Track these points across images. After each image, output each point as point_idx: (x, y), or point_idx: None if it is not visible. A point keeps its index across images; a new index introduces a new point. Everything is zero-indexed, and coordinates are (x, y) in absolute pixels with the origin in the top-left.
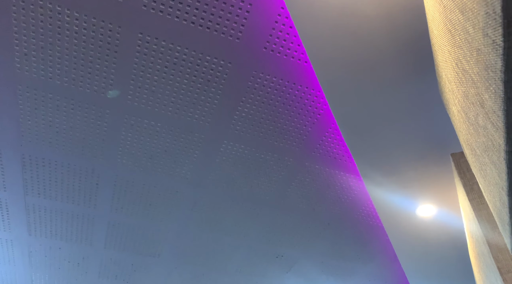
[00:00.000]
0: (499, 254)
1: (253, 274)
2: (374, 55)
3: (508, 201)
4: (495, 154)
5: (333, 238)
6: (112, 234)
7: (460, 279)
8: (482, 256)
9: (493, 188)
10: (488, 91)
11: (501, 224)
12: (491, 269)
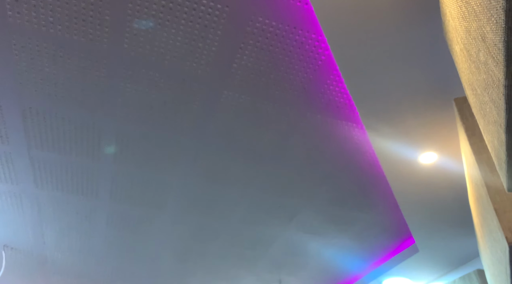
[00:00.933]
0: (497, 195)
1: (256, 224)
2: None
3: (505, 138)
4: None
5: (335, 187)
6: (116, 187)
7: (459, 225)
8: (480, 199)
9: (492, 126)
10: (490, 23)
11: (498, 163)
12: (488, 211)
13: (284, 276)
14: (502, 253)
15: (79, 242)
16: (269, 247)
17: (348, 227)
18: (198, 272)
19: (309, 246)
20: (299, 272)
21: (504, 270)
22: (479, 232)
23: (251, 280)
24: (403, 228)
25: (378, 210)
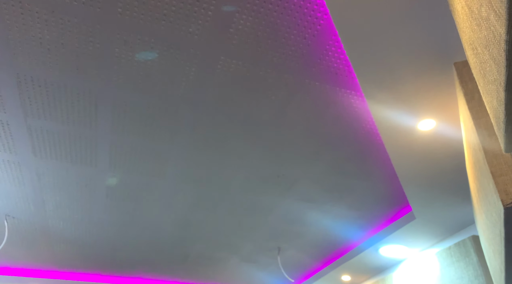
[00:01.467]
0: (494, 159)
1: (255, 193)
2: None
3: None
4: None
5: (334, 156)
6: (115, 156)
7: (456, 193)
8: (477, 163)
9: (491, 86)
10: None
11: (497, 123)
12: (485, 174)
13: (282, 244)
14: (497, 216)
15: (80, 211)
16: (267, 215)
17: (345, 195)
18: (199, 241)
19: (307, 215)
20: (298, 240)
21: (499, 233)
22: (475, 198)
23: (251, 248)
24: (400, 196)
25: (376, 179)
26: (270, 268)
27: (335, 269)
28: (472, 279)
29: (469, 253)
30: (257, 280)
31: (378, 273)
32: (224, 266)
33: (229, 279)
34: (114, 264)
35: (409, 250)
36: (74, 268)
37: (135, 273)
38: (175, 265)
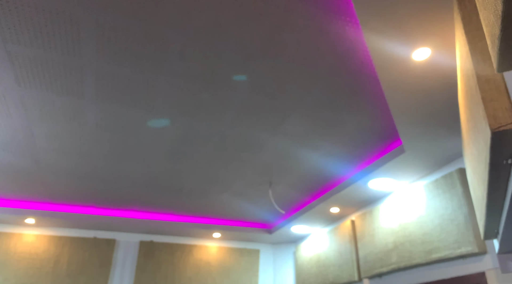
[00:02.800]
0: (486, 84)
1: (246, 127)
2: None
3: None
4: None
5: (326, 88)
6: (102, 86)
7: (446, 126)
8: (469, 90)
9: None
10: None
11: (492, 42)
12: (476, 100)
13: (273, 178)
14: (484, 143)
15: (70, 143)
16: (259, 150)
17: (337, 131)
18: (191, 174)
19: (298, 150)
20: (288, 175)
21: (484, 160)
22: (465, 129)
23: (242, 183)
24: (390, 130)
25: (368, 112)
26: (261, 201)
27: (324, 201)
28: (456, 208)
29: (455, 185)
30: (249, 213)
31: (366, 205)
32: (217, 200)
33: (222, 213)
34: (108, 197)
35: (397, 183)
36: (69, 201)
37: (130, 206)
38: (169, 198)
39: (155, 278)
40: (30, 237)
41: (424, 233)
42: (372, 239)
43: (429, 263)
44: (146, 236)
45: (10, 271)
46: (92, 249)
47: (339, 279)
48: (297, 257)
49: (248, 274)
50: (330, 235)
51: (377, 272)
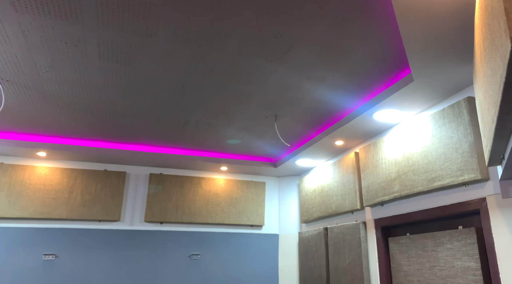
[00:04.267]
0: None
1: (251, 57)
2: None
3: None
4: None
5: (335, 12)
6: (102, 11)
7: (458, 52)
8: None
9: None
10: None
11: None
12: (496, 13)
13: (279, 111)
14: (500, 60)
15: (74, 74)
16: (264, 82)
17: (344, 59)
18: (196, 107)
19: (304, 82)
20: (293, 108)
21: (499, 80)
22: (479, 51)
23: (248, 117)
24: (399, 58)
25: (377, 39)
26: (267, 136)
27: (329, 135)
28: (461, 137)
29: (462, 114)
30: (255, 147)
31: (371, 137)
32: (223, 134)
33: (228, 147)
34: (116, 131)
35: (403, 114)
36: (78, 135)
37: (138, 140)
38: (175, 132)
39: (166, 208)
40: (43, 169)
41: (428, 162)
42: (375, 169)
43: (430, 191)
44: (155, 169)
45: (27, 201)
46: (104, 181)
47: (342, 208)
48: (301, 189)
49: (254, 204)
50: (334, 167)
51: (379, 201)
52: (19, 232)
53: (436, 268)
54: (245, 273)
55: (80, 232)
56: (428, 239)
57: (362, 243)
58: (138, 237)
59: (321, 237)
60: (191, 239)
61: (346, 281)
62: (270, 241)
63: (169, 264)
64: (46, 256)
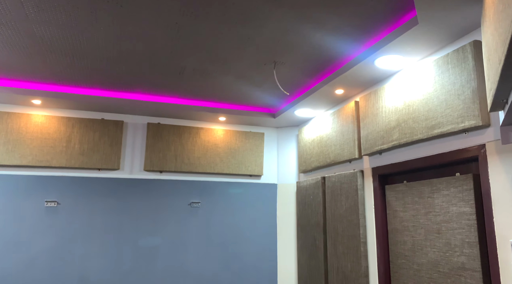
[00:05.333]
0: None
1: None
2: None
3: None
4: None
5: None
6: None
7: None
8: None
9: None
10: None
11: None
12: None
13: (278, 58)
14: None
15: (63, 15)
16: (262, 25)
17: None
18: (192, 52)
19: (303, 26)
20: (292, 55)
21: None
22: None
23: (246, 64)
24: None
25: None
26: (265, 85)
27: (329, 83)
28: (464, 83)
29: (467, 58)
30: (253, 97)
31: (371, 85)
32: (220, 82)
33: (227, 97)
34: (111, 77)
35: (406, 60)
36: (73, 82)
37: (135, 88)
38: (172, 79)
39: (165, 157)
40: (39, 118)
41: (429, 109)
42: (375, 118)
43: (430, 138)
44: (153, 118)
45: (25, 149)
46: (102, 130)
47: (340, 157)
48: (299, 139)
49: (253, 155)
50: (333, 116)
51: (378, 149)
52: (19, 179)
53: (431, 213)
54: (245, 221)
55: (81, 180)
56: (425, 186)
57: (359, 191)
58: (138, 185)
59: (318, 186)
60: (191, 188)
61: (343, 227)
62: (268, 191)
63: (169, 211)
64: (48, 203)
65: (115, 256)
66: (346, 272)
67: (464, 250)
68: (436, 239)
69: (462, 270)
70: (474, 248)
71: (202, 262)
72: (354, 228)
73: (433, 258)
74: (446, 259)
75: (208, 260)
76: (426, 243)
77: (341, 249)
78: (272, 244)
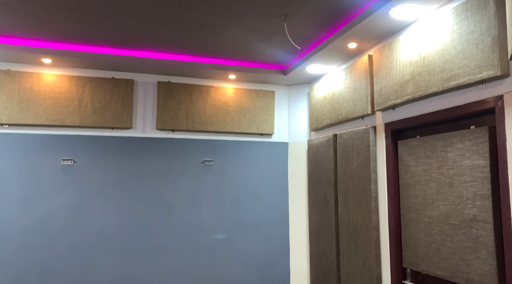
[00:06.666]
0: None
1: None
2: None
3: None
4: None
5: None
6: None
7: None
8: None
9: None
10: None
11: None
12: None
13: (288, 10)
14: None
15: None
16: None
17: None
18: (199, 6)
19: None
20: (305, 5)
21: None
22: None
23: (255, 15)
24: None
25: None
26: (276, 39)
27: (341, 36)
28: (484, 31)
29: (488, 4)
30: (264, 53)
31: (386, 37)
32: (230, 38)
33: (236, 53)
34: (119, 34)
35: (422, 8)
36: (81, 39)
37: (143, 46)
38: (180, 35)
39: (176, 116)
40: (51, 77)
41: (445, 60)
42: (388, 72)
43: (445, 91)
44: (163, 77)
45: (39, 108)
46: (112, 88)
47: (352, 114)
48: (311, 97)
49: (264, 113)
50: (346, 72)
51: (391, 104)
52: (35, 138)
53: (444, 167)
54: (256, 178)
55: (95, 139)
56: (438, 140)
57: (371, 147)
58: (151, 144)
59: (330, 143)
60: (203, 147)
61: (353, 183)
62: (279, 149)
63: (183, 169)
64: (65, 161)
65: (131, 212)
66: (356, 226)
67: (476, 203)
68: (448, 192)
69: (473, 221)
70: (487, 200)
71: (216, 217)
72: (365, 184)
73: (444, 211)
74: (457, 211)
75: (221, 216)
76: (437, 196)
77: (351, 204)
78: (283, 201)
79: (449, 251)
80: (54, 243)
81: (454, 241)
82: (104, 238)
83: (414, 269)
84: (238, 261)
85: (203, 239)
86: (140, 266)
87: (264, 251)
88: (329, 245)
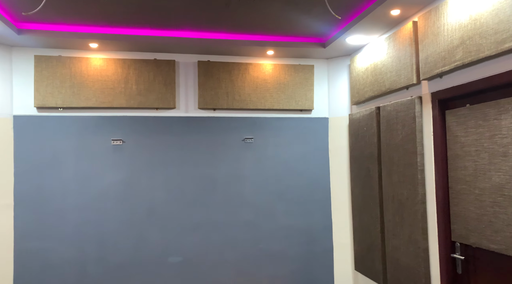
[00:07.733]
0: None
1: None
2: None
3: None
4: None
5: None
6: None
7: None
8: None
9: None
10: None
11: None
12: None
13: None
14: None
15: None
16: None
17: None
18: None
19: None
20: None
21: None
22: None
23: None
24: None
25: None
26: (314, 10)
27: (383, 3)
28: None
29: None
30: (302, 25)
31: (432, 1)
32: (267, 12)
33: (274, 28)
34: (159, 15)
35: None
36: (124, 23)
37: (183, 26)
38: (218, 13)
39: (217, 95)
40: (98, 61)
41: (499, 21)
42: (435, 38)
43: (499, 55)
44: (202, 57)
45: (88, 91)
46: (155, 70)
47: (396, 84)
48: (351, 69)
49: (303, 88)
50: (388, 41)
51: (438, 72)
52: (87, 120)
53: (497, 136)
54: (297, 155)
55: (141, 120)
56: (491, 108)
57: (417, 118)
58: (193, 123)
59: (372, 116)
60: (244, 124)
61: (398, 156)
62: (320, 124)
63: (225, 147)
64: (115, 141)
65: (177, 188)
66: (402, 199)
67: None
68: (502, 162)
69: None
70: None
71: (258, 193)
72: (411, 156)
73: (497, 182)
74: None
75: (263, 191)
76: (490, 167)
77: (396, 177)
78: (325, 176)
79: (503, 223)
80: (108, 217)
81: (508, 213)
82: (153, 213)
83: (464, 242)
84: (281, 235)
85: (247, 214)
86: (188, 239)
87: (306, 225)
88: (373, 219)
